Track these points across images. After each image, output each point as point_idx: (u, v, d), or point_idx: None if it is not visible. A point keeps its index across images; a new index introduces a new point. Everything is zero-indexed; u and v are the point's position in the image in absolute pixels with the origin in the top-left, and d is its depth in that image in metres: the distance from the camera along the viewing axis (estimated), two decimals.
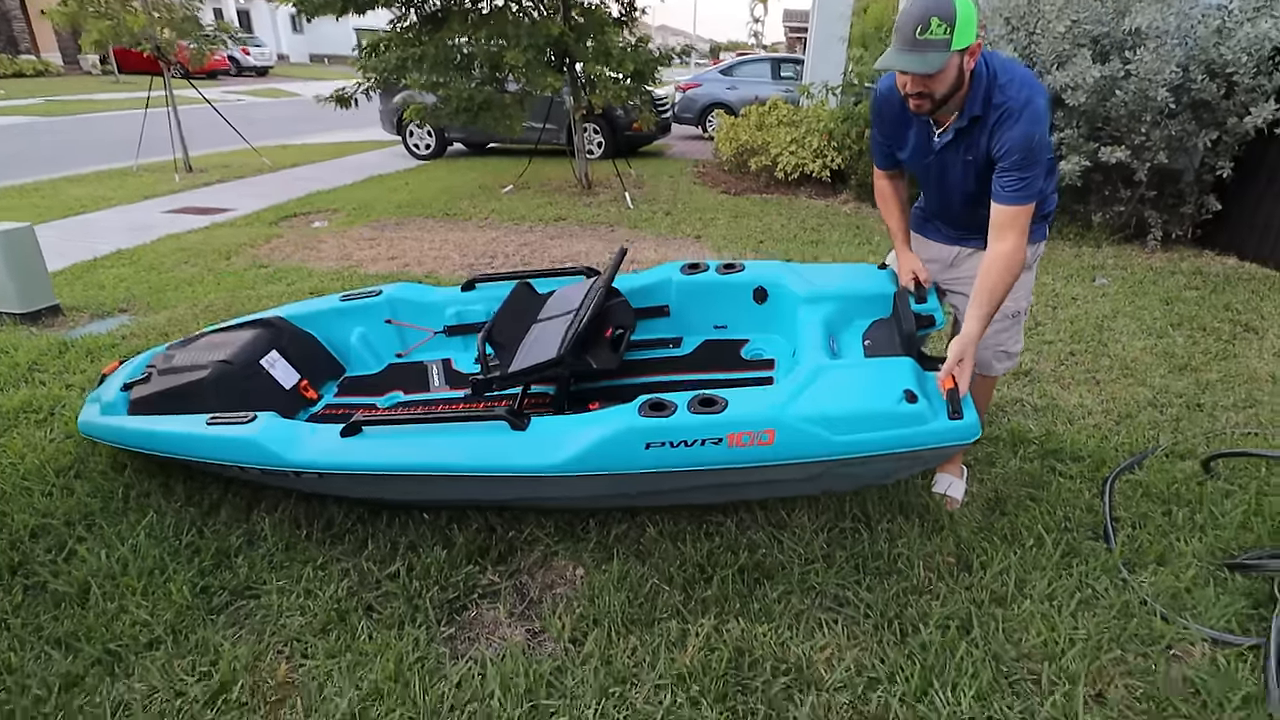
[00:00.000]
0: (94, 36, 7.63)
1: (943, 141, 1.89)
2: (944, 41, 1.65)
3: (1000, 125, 1.76)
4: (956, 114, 1.83)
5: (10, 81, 21.09)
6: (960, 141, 1.86)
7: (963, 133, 1.85)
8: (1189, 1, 4.62)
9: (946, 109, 1.83)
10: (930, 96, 1.76)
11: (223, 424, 2.08)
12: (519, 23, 6.29)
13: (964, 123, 1.82)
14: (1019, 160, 1.75)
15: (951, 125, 1.85)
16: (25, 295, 3.80)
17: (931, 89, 1.74)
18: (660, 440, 1.73)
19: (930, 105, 1.78)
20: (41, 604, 1.92)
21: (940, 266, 2.21)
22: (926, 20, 1.64)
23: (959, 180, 1.95)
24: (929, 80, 1.72)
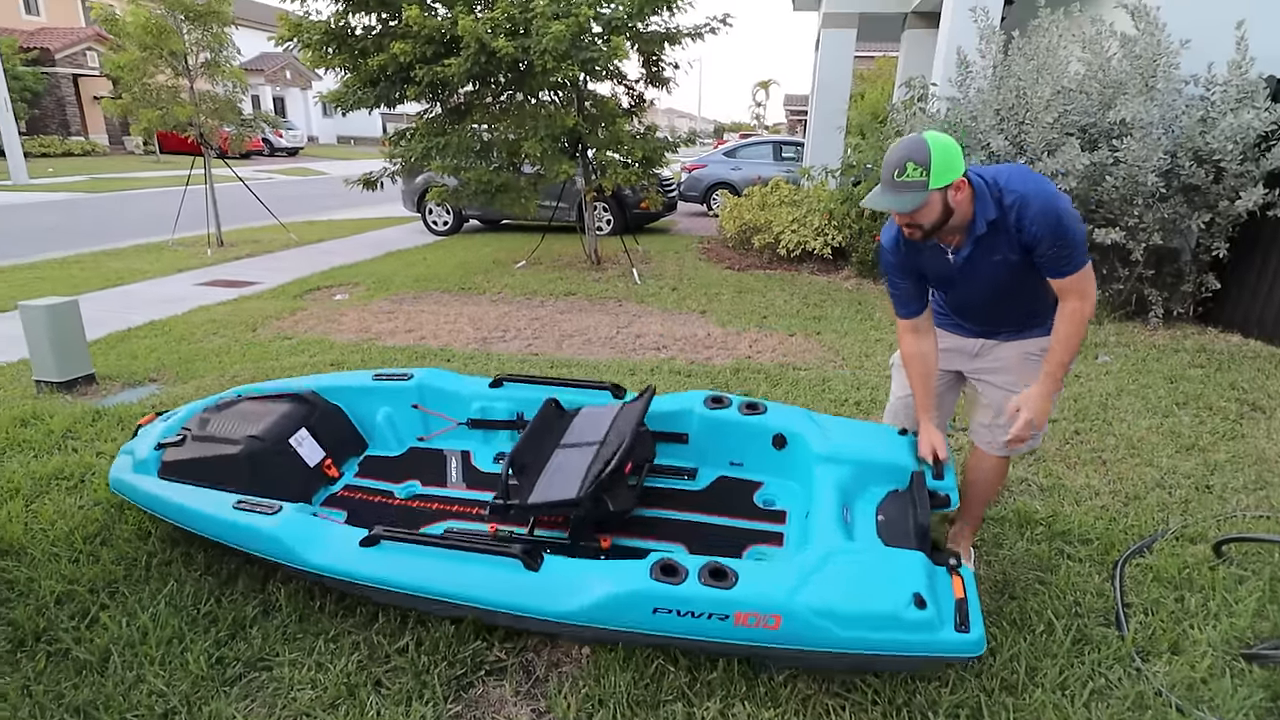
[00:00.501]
0: (143, 124, 8.15)
1: (961, 257, 1.98)
2: (920, 183, 1.80)
3: (1022, 216, 1.86)
4: (966, 232, 1.94)
5: (60, 160, 22.30)
6: (983, 247, 1.95)
7: (983, 240, 1.93)
8: (1171, 94, 4.84)
9: (949, 231, 1.94)
10: (920, 227, 1.90)
11: (248, 510, 2.15)
12: (536, 114, 6.68)
13: (983, 230, 1.91)
14: (1054, 236, 1.84)
15: (968, 239, 1.94)
16: (63, 365, 3.96)
17: (918, 221, 1.89)
18: (668, 607, 1.78)
19: (921, 234, 1.93)
20: (63, 671, 1.96)
21: (965, 357, 2.25)
22: (903, 165, 1.80)
23: (988, 281, 2.01)
24: (915, 216, 1.87)
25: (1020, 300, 2.06)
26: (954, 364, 2.27)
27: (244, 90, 8.81)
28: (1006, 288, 2.02)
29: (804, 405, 3.86)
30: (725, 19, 7.06)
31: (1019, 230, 1.87)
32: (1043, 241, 1.85)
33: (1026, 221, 1.85)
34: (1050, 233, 1.84)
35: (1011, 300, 2.06)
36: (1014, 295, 2.04)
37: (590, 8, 6.09)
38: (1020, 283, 1.99)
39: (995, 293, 2.05)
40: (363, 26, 6.87)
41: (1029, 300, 2.07)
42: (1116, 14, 5.32)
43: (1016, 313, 2.12)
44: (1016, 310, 2.11)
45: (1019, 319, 2.13)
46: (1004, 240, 1.91)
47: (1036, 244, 1.87)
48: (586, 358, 4.72)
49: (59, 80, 24.91)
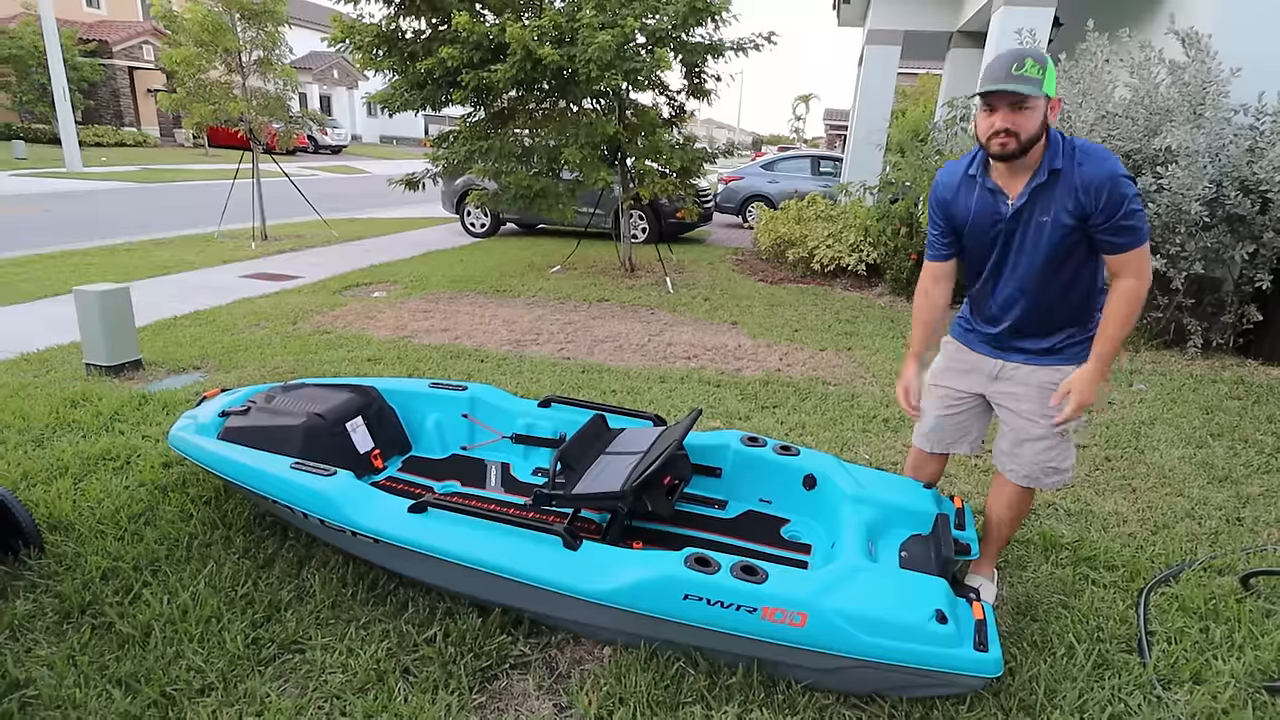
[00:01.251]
0: (196, 119, 8.43)
1: (1016, 205, 1.93)
2: (1037, 81, 1.77)
3: (1086, 172, 1.83)
4: (1030, 174, 1.90)
5: (113, 150, 23.10)
6: (1037, 201, 1.91)
7: (1040, 189, 1.89)
8: (1219, 123, 4.77)
9: (1019, 170, 1.91)
10: (1016, 135, 1.82)
11: (305, 470, 2.29)
12: (578, 122, 6.78)
13: (1043, 177, 1.87)
14: (1113, 200, 1.82)
15: (1027, 186, 1.90)
16: (113, 350, 4.12)
17: (1020, 127, 1.81)
18: (699, 595, 1.84)
19: (1016, 145, 1.83)
20: (107, 644, 2.05)
21: (984, 379, 2.21)
22: (1021, 59, 1.78)
23: (1029, 251, 1.96)
24: (1019, 117, 1.80)
25: (1050, 292, 2.00)
26: (975, 385, 2.24)
27: (294, 88, 9.07)
28: (1045, 265, 1.96)
29: (832, 420, 3.88)
30: (770, 36, 7.10)
31: (1081, 189, 1.84)
32: (1102, 205, 1.82)
33: (1089, 177, 1.83)
34: (1110, 196, 1.81)
35: (1043, 289, 2.00)
36: (1048, 280, 1.98)
37: (636, 19, 6.18)
38: (1059, 264, 1.95)
39: (1032, 269, 1.98)
40: (413, 30, 7.05)
41: (1059, 297, 2.02)
42: (1166, 40, 5.26)
43: (1043, 312, 2.05)
44: (1043, 308, 2.04)
45: (1043, 324, 2.06)
46: (1061, 197, 1.87)
47: (1095, 206, 1.83)
48: (618, 364, 4.78)
49: (115, 72, 25.82)
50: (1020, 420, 2.15)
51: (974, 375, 2.23)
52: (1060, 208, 1.88)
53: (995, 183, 1.97)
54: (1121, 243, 1.87)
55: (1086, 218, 1.86)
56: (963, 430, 2.32)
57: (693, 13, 6.45)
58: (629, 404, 3.97)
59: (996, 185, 1.97)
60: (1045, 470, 2.16)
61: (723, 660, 2.00)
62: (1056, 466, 2.16)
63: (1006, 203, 1.96)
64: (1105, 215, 1.84)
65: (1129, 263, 1.90)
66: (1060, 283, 2.00)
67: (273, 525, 2.63)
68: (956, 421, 2.31)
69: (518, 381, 4.31)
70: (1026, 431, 2.13)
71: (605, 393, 4.16)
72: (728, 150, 8.37)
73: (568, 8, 6.53)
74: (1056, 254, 1.94)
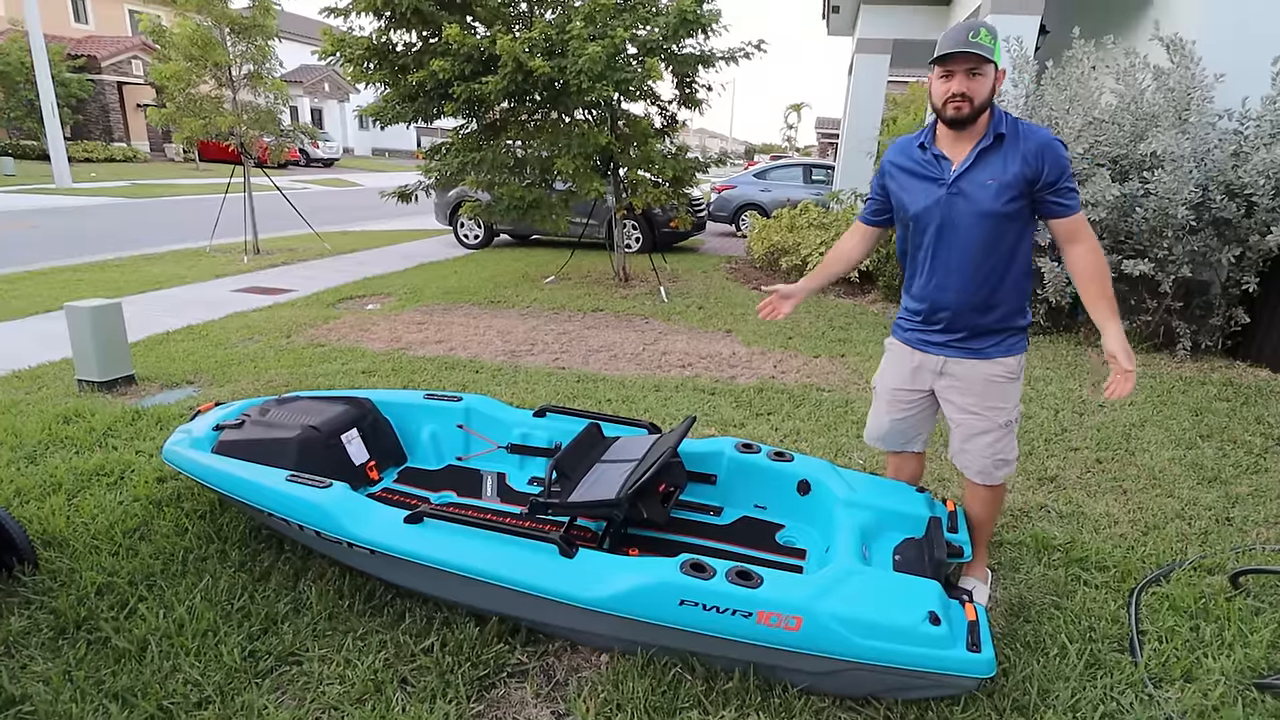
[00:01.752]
0: (186, 133, 8.44)
1: (961, 169, 2.04)
2: (989, 49, 1.92)
3: (1028, 136, 2.00)
4: (975, 141, 2.03)
5: (102, 165, 23.05)
6: (982, 163, 2.02)
7: (985, 152, 2.02)
8: (1204, 128, 4.84)
9: (965, 137, 2.04)
10: (970, 100, 1.95)
11: (301, 483, 2.29)
12: (570, 133, 6.82)
13: (989, 140, 2.01)
14: (1056, 165, 1.97)
15: (971, 151, 2.03)
16: (106, 365, 4.12)
17: (974, 92, 1.95)
18: (694, 601, 1.85)
19: (969, 109, 1.97)
20: (103, 659, 2.05)
21: (931, 375, 2.28)
22: (976, 29, 1.93)
23: (974, 217, 2.04)
24: (974, 83, 1.94)
25: (986, 269, 2.07)
26: (924, 383, 2.30)
27: (285, 102, 9.09)
28: (983, 237, 2.05)
29: (826, 426, 3.90)
30: (760, 44, 7.17)
31: (1030, 154, 1.97)
32: (1048, 167, 1.97)
33: (1035, 143, 1.98)
34: (1055, 159, 1.97)
35: (980, 265, 2.07)
36: (985, 255, 2.06)
37: (626, 30, 6.23)
38: (997, 237, 2.04)
39: (972, 242, 2.06)
40: (403, 43, 7.09)
41: (996, 277, 2.09)
42: (1151, 46, 5.34)
43: (981, 294, 2.11)
44: (981, 289, 2.10)
45: (982, 308, 2.12)
46: (1008, 161, 1.99)
47: (1042, 168, 1.97)
48: (613, 373, 4.79)
49: (104, 87, 25.79)
50: (965, 415, 2.22)
51: (922, 374, 2.30)
52: (1005, 168, 1.99)
53: (940, 149, 2.09)
54: (1069, 204, 2.02)
55: (1034, 181, 1.99)
56: (915, 430, 2.43)
57: (683, 24, 6.51)
58: (624, 413, 3.98)
59: (941, 151, 2.09)
60: (996, 464, 2.24)
61: (719, 665, 2.01)
62: (1005, 458, 2.24)
63: (950, 169, 2.06)
64: (1054, 176, 1.98)
65: (1079, 226, 2.04)
66: (997, 260, 2.08)
67: (269, 538, 2.63)
68: (910, 423, 2.40)
69: (513, 392, 4.33)
70: (973, 426, 2.21)
71: (600, 402, 4.18)
72: (720, 159, 8.42)
73: (558, 20, 6.59)
74: (996, 225, 2.04)
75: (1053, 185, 1.99)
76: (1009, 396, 2.18)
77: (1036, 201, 2.03)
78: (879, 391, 2.46)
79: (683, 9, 6.42)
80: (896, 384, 2.37)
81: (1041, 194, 2.01)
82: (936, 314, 2.20)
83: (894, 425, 2.42)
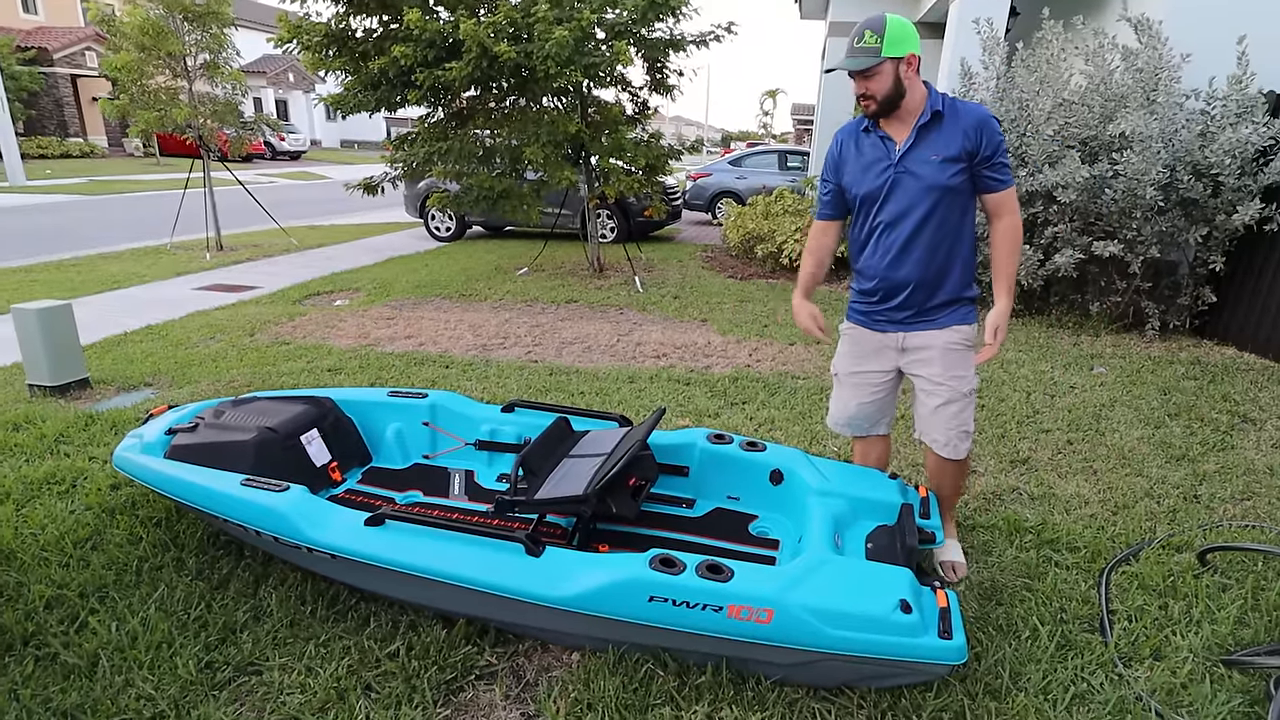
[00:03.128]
0: (141, 126, 8.17)
1: (905, 148, 2.14)
2: (874, 49, 2.04)
3: (963, 113, 2.12)
4: (914, 119, 2.13)
5: (58, 162, 22.37)
6: (924, 141, 2.13)
7: (925, 129, 2.12)
8: (1172, 108, 4.87)
9: (899, 117, 2.14)
10: (874, 98, 2.09)
11: (256, 487, 2.21)
12: (539, 120, 6.71)
13: (926, 118, 2.11)
14: (991, 139, 2.10)
15: (912, 130, 2.13)
16: (57, 369, 3.97)
17: (873, 90, 2.08)
18: (664, 596, 1.82)
19: (875, 106, 2.11)
20: (51, 675, 1.96)
21: (894, 353, 2.35)
22: (861, 33, 2.06)
23: (922, 192, 2.13)
24: (871, 82, 2.07)
25: (939, 239, 2.18)
26: (888, 362, 2.38)
27: (244, 92, 8.83)
28: (932, 212, 2.15)
29: (801, 414, 3.88)
30: (730, 27, 7.09)
31: (969, 129, 2.09)
32: (985, 142, 2.09)
33: (971, 119, 2.10)
34: (990, 135, 2.10)
35: (932, 235, 2.17)
36: (937, 227, 2.16)
37: (594, 13, 6.12)
38: (946, 210, 2.15)
39: (922, 217, 2.16)
40: (363, 29, 6.90)
41: (945, 250, 2.20)
42: (1119, 27, 5.37)
43: (935, 265, 2.21)
44: (935, 260, 2.20)
45: (935, 281, 2.23)
46: (948, 137, 2.10)
47: (979, 142, 2.09)
48: (586, 365, 4.73)
49: (57, 80, 24.96)
50: (931, 384, 2.29)
51: (885, 353, 2.37)
52: (948, 145, 2.11)
53: (884, 130, 2.19)
54: (1002, 179, 2.15)
55: (973, 155, 2.11)
56: (881, 413, 2.49)
57: (652, 6, 6.41)
58: (598, 406, 3.93)
59: (885, 133, 2.19)
60: (960, 435, 2.31)
61: (691, 660, 1.98)
62: (967, 429, 2.32)
63: (895, 148, 2.17)
64: (990, 150, 2.11)
65: (1006, 200, 2.18)
66: (945, 232, 2.18)
67: (227, 544, 2.55)
68: (876, 405, 2.46)
69: (484, 387, 4.25)
70: (940, 395, 2.28)
71: (574, 395, 4.12)
72: (694, 146, 8.37)
73: (523, 3, 6.45)
74: (942, 198, 2.14)
75: (989, 160, 2.12)
76: (968, 364, 2.29)
77: (973, 176, 2.15)
78: (841, 377, 2.50)
79: None
80: (860, 367, 2.43)
81: (979, 168, 2.13)
82: (893, 291, 2.27)
83: (860, 409, 2.47)
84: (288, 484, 2.23)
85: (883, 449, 2.58)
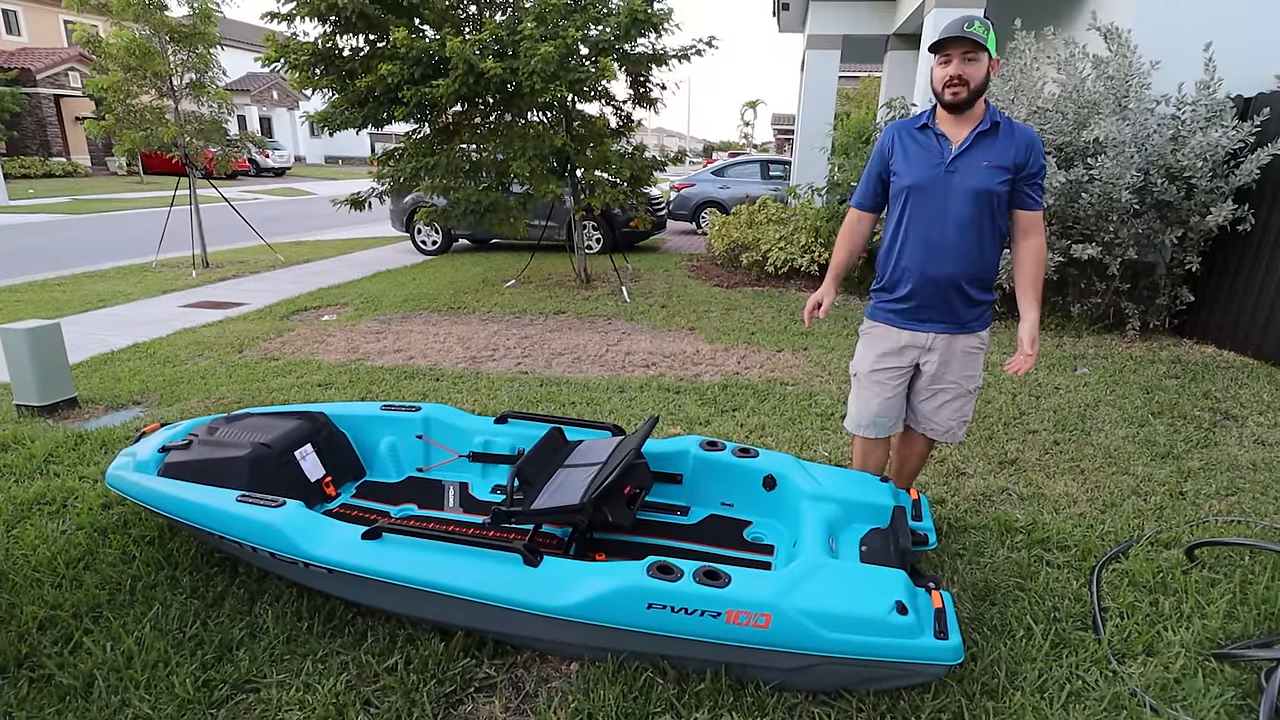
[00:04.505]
0: (126, 145, 8.13)
1: (960, 149, 2.19)
2: (984, 37, 2.06)
3: (1018, 131, 2.20)
4: (974, 124, 2.19)
5: (41, 181, 22.16)
6: (979, 145, 2.19)
7: (984, 135, 2.18)
8: (1143, 113, 4.98)
9: (964, 120, 2.19)
10: (967, 84, 2.10)
11: (252, 503, 2.21)
12: (525, 135, 6.75)
13: (986, 125, 2.18)
14: (1038, 160, 2.19)
15: (972, 131, 2.18)
16: (45, 389, 3.93)
17: (970, 76, 2.09)
18: (662, 603, 1.83)
19: (966, 93, 2.11)
20: (46, 697, 1.94)
21: (919, 351, 2.39)
22: (971, 20, 2.08)
23: (968, 193, 2.18)
24: (970, 68, 2.08)
25: (974, 245, 2.23)
26: (910, 359, 2.42)
27: (229, 111, 8.81)
28: (973, 213, 2.20)
29: (791, 420, 3.91)
30: (711, 41, 7.18)
31: (1022, 145, 2.17)
32: (1033, 160, 2.17)
33: (1026, 137, 2.18)
34: (1039, 155, 2.19)
35: (968, 241, 2.22)
36: (975, 228, 2.21)
37: (578, 30, 6.19)
38: (987, 213, 2.20)
39: (962, 219, 2.20)
40: (350, 48, 6.93)
41: (980, 253, 2.25)
42: (1089, 36, 5.48)
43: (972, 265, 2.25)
44: (971, 260, 2.25)
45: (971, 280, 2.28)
46: (1004, 146, 2.17)
47: (1028, 160, 2.17)
48: (576, 376, 4.75)
49: (40, 100, 24.77)
50: (944, 385, 2.41)
51: (909, 350, 2.41)
52: (1002, 155, 2.17)
53: (942, 129, 2.23)
54: (1038, 199, 2.24)
55: (1020, 169, 2.18)
56: (900, 410, 2.51)
57: (634, 23, 6.48)
58: (589, 415, 3.94)
59: (943, 131, 2.23)
60: (960, 424, 2.48)
61: (691, 667, 1.99)
62: (966, 418, 2.49)
63: (950, 147, 2.21)
64: (1034, 169, 2.19)
65: (1037, 220, 2.26)
66: (980, 235, 2.23)
67: (222, 561, 2.53)
68: (897, 402, 2.49)
69: (475, 399, 4.25)
70: (949, 393, 2.42)
71: (564, 405, 4.13)
72: (677, 157, 8.41)
73: (508, 21, 6.51)
74: (984, 202, 2.19)
75: (1032, 177, 2.20)
76: (980, 365, 2.42)
77: (1014, 191, 2.21)
78: (861, 377, 2.50)
79: (633, 8, 6.40)
80: (883, 364, 2.44)
81: (1021, 184, 2.20)
82: (929, 288, 2.30)
83: (884, 407, 2.47)
84: (283, 499, 2.23)
85: (885, 452, 2.62)
